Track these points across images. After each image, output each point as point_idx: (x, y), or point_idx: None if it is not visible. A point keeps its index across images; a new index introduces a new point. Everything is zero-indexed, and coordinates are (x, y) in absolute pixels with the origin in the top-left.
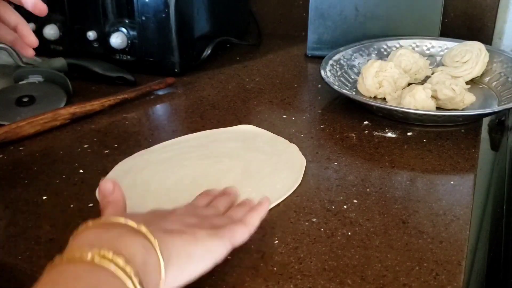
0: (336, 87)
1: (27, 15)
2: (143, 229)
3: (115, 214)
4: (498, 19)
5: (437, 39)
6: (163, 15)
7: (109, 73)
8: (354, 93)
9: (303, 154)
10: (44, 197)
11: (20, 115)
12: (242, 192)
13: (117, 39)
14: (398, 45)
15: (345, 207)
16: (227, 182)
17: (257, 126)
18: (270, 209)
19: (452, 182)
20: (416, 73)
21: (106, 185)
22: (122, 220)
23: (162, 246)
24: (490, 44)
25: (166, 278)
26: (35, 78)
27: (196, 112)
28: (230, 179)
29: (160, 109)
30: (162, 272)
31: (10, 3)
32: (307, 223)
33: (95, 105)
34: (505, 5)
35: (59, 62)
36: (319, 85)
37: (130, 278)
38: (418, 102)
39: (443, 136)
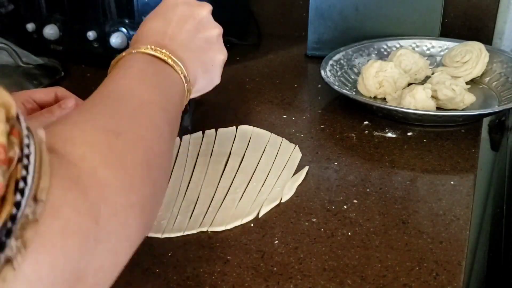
0: (336, 87)
1: (26, 14)
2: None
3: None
4: (498, 19)
5: (437, 39)
6: None
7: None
8: (354, 93)
9: (303, 154)
10: None
11: None
12: (241, 192)
13: (117, 39)
14: (398, 45)
15: (345, 207)
16: (226, 182)
17: (257, 126)
18: (270, 209)
19: (452, 182)
20: (416, 73)
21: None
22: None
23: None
24: (490, 44)
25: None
26: None
27: (196, 112)
28: (229, 179)
29: None
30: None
31: None
32: (307, 223)
33: None
34: (506, 5)
35: None
36: (319, 85)
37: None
38: (418, 102)
39: (443, 136)
